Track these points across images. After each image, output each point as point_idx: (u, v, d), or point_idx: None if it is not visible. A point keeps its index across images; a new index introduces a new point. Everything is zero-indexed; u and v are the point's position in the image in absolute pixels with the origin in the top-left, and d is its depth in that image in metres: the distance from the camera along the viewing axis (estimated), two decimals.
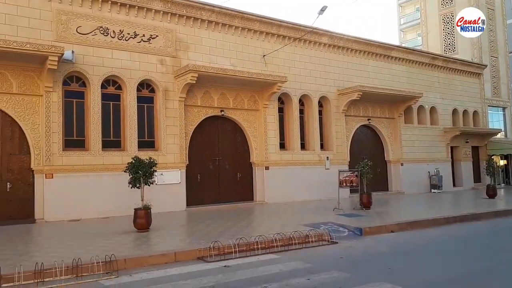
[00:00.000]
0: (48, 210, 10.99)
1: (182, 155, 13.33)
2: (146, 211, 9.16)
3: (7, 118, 11.02)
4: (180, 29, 13.68)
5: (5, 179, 10.94)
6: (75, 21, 11.78)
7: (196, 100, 13.96)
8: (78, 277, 5.86)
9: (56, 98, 11.37)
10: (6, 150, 11.03)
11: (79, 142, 12.02)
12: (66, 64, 11.44)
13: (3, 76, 10.78)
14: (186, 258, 6.98)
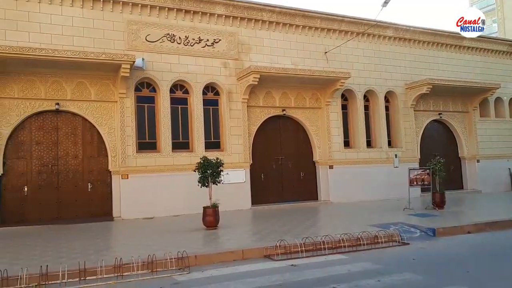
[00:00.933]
0: (125, 209, 11.77)
1: (246, 155, 13.57)
2: (214, 209, 9.47)
3: (87, 123, 11.98)
4: (241, 31, 13.93)
5: (87, 179, 11.90)
6: (144, 30, 12.48)
7: (258, 100, 14.13)
8: (153, 272, 6.20)
9: (129, 103, 12.14)
10: (87, 153, 12.00)
11: (151, 145, 12.72)
12: (138, 71, 12.16)
13: (82, 85, 11.73)
14: (253, 256, 7.10)
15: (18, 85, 11.03)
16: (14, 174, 11.12)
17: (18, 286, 5.58)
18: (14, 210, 11.03)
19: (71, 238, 8.89)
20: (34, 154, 11.40)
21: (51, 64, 10.77)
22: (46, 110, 11.47)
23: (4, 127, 10.91)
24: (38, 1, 11.24)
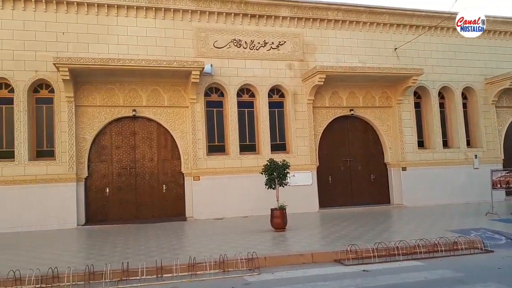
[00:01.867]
0: (196, 209, 12.23)
1: (312, 156, 13.43)
2: (281, 211, 9.48)
3: (161, 128, 12.64)
4: (306, 32, 13.84)
5: (161, 181, 12.56)
6: (212, 37, 12.90)
7: (324, 101, 13.92)
8: (224, 272, 6.36)
9: (199, 108, 12.60)
10: (161, 156, 12.66)
11: (220, 147, 13.09)
12: (206, 77, 12.58)
13: (156, 92, 12.41)
14: (323, 260, 6.99)
15: (99, 94, 11.97)
16: (97, 176, 12.07)
17: (103, 280, 6.02)
18: (97, 209, 11.97)
19: (148, 236, 9.42)
20: (114, 157, 12.28)
21: (128, 73, 11.54)
22: (124, 117, 12.31)
23: (88, 133, 11.90)
24: (116, 14, 12.11)
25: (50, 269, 5.99)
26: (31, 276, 5.86)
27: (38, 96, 11.73)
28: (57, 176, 11.29)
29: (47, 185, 11.16)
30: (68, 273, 5.98)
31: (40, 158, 11.56)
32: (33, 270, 6.00)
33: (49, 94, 11.72)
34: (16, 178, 11.00)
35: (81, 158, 11.74)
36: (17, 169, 11.08)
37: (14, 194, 10.80)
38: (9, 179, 10.90)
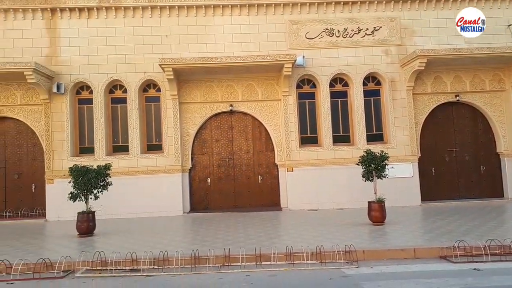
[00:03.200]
0: (291, 200, 12.41)
1: (413, 147, 12.68)
2: (380, 204, 9.17)
3: (256, 121, 13.03)
4: (404, 15, 13.02)
5: (257, 172, 12.98)
6: (304, 28, 12.86)
7: (425, 87, 13.01)
8: (321, 263, 6.39)
9: (292, 100, 12.70)
10: (256, 148, 13.08)
11: (313, 139, 13.06)
12: (298, 69, 12.61)
13: (251, 86, 12.81)
14: (426, 256, 6.63)
15: (200, 91, 12.75)
16: (200, 168, 12.93)
17: (207, 265, 6.47)
18: (200, 198, 12.83)
19: (246, 225, 9.86)
20: (214, 150, 13.01)
21: (225, 70, 12.09)
22: (222, 111, 12.94)
23: (191, 128, 12.77)
24: (213, 14, 12.73)
25: (161, 252, 6.63)
26: (145, 258, 6.55)
27: (147, 95, 12.91)
28: (165, 167, 12.36)
29: (157, 175, 12.28)
30: (177, 257, 6.55)
31: (150, 152, 12.76)
32: (147, 252, 6.70)
33: (156, 93, 12.84)
34: (131, 169, 12.30)
35: (185, 151, 12.68)
36: (131, 161, 12.38)
37: (129, 184, 12.08)
38: (125, 170, 12.22)
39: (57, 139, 12.31)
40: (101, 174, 9.18)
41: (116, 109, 12.89)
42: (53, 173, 12.16)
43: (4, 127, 12.75)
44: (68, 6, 12.38)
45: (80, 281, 5.98)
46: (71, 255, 6.80)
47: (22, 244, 8.43)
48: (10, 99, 12.43)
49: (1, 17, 12.43)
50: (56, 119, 12.33)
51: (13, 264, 6.38)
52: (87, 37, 12.51)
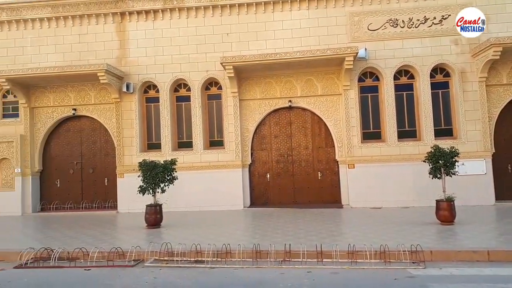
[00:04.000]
0: (352, 197, 12.14)
1: (485, 142, 11.82)
2: (449, 203, 8.67)
3: (315, 117, 12.89)
4: (476, 1, 12.13)
5: (316, 168, 12.85)
6: (366, 20, 12.46)
7: (500, 78, 12.04)
8: (386, 262, 6.19)
9: (353, 95, 12.39)
10: (315, 144, 12.95)
11: (376, 134, 12.65)
12: (360, 62, 12.26)
13: (310, 81, 12.68)
14: (501, 259, 6.16)
15: (259, 88, 12.87)
16: (259, 163, 13.08)
17: (268, 259, 6.54)
18: (260, 193, 12.99)
19: (306, 221, 9.81)
20: (273, 145, 13.08)
21: (284, 66, 12.08)
22: (281, 107, 12.96)
23: (250, 124, 12.94)
24: (272, 11, 12.76)
25: (223, 245, 6.82)
26: (209, 250, 6.77)
27: (209, 93, 13.29)
28: (226, 163, 12.67)
29: (218, 170, 12.63)
30: (239, 250, 6.70)
31: (212, 147, 13.14)
32: (210, 245, 6.91)
33: (218, 91, 13.17)
34: (194, 164, 12.75)
35: (245, 146, 12.88)
36: (195, 157, 12.83)
37: (193, 178, 12.54)
38: (189, 165, 12.69)
39: (127, 135, 13.09)
40: (167, 169, 9.63)
41: (181, 107, 13.41)
42: (124, 167, 12.96)
43: (81, 125, 13.81)
44: (136, 10, 13.06)
45: (149, 270, 6.33)
46: (141, 245, 7.22)
47: (97, 233, 9.10)
48: (86, 99, 13.42)
49: (77, 23, 13.43)
50: (126, 117, 13.11)
51: (90, 252, 6.91)
52: (153, 38, 13.13)
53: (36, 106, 13.55)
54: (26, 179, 13.31)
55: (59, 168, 13.74)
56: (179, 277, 5.91)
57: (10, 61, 13.51)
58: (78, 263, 6.75)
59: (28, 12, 13.43)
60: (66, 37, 13.44)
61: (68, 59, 13.28)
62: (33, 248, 7.15)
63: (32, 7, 13.37)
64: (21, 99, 13.31)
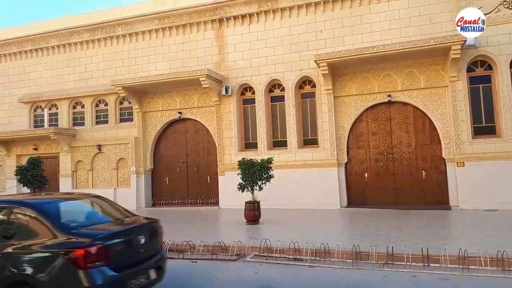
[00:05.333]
0: (462, 198, 11.12)
1: None
2: None
3: (418, 111, 12.09)
4: None
5: (420, 167, 12.04)
6: (475, 3, 11.29)
7: None
8: (504, 270, 5.58)
9: (461, 86, 11.35)
10: (419, 141, 12.14)
11: (489, 129, 11.42)
12: (469, 50, 11.18)
13: (411, 74, 11.93)
14: None
15: (355, 83, 12.49)
16: (356, 162, 12.70)
17: (369, 261, 6.33)
18: (357, 193, 12.60)
19: (409, 223, 9.27)
20: (371, 143, 12.59)
21: (382, 59, 11.56)
22: (379, 103, 12.42)
23: (346, 121, 12.64)
24: (368, 3, 12.30)
25: (322, 244, 6.78)
26: (307, 249, 6.79)
27: (303, 91, 13.30)
28: (321, 161, 12.56)
29: (313, 169, 12.57)
30: (338, 250, 6.60)
31: (306, 146, 13.13)
32: (308, 243, 6.93)
33: (312, 89, 13.12)
34: (289, 163, 12.88)
35: (341, 144, 12.62)
36: (289, 155, 12.96)
37: (288, 177, 12.66)
38: (283, 164, 12.86)
39: (226, 136, 13.75)
40: (264, 167, 9.90)
41: (275, 107, 13.66)
42: (224, 166, 13.64)
43: (185, 127, 14.88)
44: (233, 15, 13.64)
45: (250, 265, 6.58)
46: (241, 241, 7.53)
47: (202, 228, 9.73)
48: (189, 103, 14.41)
49: (180, 32, 14.50)
50: (225, 118, 13.78)
51: (196, 245, 7.42)
52: (249, 41, 13.58)
53: (147, 111, 14.96)
54: (140, 177, 14.77)
55: (167, 166, 14.98)
56: (279, 273, 6.03)
57: (125, 71, 15.13)
58: (186, 255, 7.29)
59: (139, 25, 14.89)
60: (171, 46, 14.60)
61: (174, 66, 14.41)
62: None
63: (142, 21, 14.78)
64: (135, 104, 14.80)
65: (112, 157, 15.17)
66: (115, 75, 15.08)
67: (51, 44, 16.20)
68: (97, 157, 15.47)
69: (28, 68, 16.75)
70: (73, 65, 16.01)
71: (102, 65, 15.58)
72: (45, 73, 16.46)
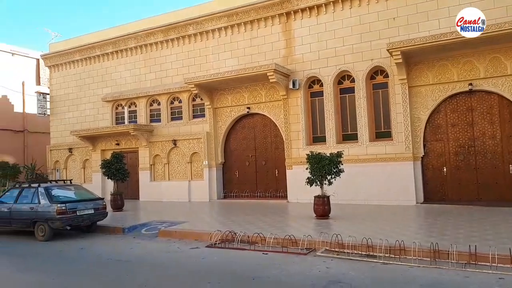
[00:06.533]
0: None
1: None
2: None
3: (504, 100, 11.10)
4: None
5: (507, 161, 11.04)
6: None
7: None
8: None
9: None
10: (505, 133, 11.13)
11: None
12: None
13: (496, 60, 10.95)
14: None
15: (431, 72, 11.75)
16: (433, 155, 11.98)
17: (449, 260, 5.95)
18: (435, 188, 11.90)
19: (494, 221, 8.55)
20: (450, 135, 11.79)
21: (462, 45, 10.74)
22: (458, 92, 11.58)
23: (422, 113, 11.96)
24: None
25: (397, 241, 6.50)
26: (380, 245, 6.55)
27: (374, 82, 12.82)
28: (395, 155, 12.03)
29: (386, 163, 12.09)
30: (414, 247, 6.29)
31: (378, 139, 12.66)
32: (382, 240, 6.68)
33: (384, 79, 12.59)
34: (360, 157, 12.52)
35: (416, 137, 11.98)
36: (360, 149, 12.59)
37: (358, 171, 12.32)
38: (354, 158, 12.53)
39: (293, 130, 13.73)
40: (333, 161, 9.72)
41: (344, 99, 13.33)
42: (292, 160, 13.64)
43: (253, 122, 15.10)
44: (300, 7, 13.52)
45: (321, 259, 6.52)
46: (311, 235, 7.49)
47: (271, 220, 9.84)
48: (257, 98, 14.60)
49: (248, 28, 14.70)
50: (292, 112, 13.76)
51: (266, 237, 7.52)
52: (317, 33, 13.38)
53: (217, 107, 15.43)
54: (212, 170, 15.31)
55: (237, 160, 15.36)
56: (351, 269, 5.91)
57: (196, 69, 15.72)
58: (257, 246, 7.43)
59: (208, 24, 15.36)
60: (239, 42, 14.87)
61: (242, 62, 14.67)
62: (220, 231, 8.20)
63: (212, 19, 15.23)
64: (206, 101, 15.34)
65: (186, 151, 15.89)
66: (188, 73, 15.73)
67: (129, 45, 17.34)
68: (173, 151, 16.31)
69: (109, 69, 18.10)
70: (149, 64, 17.00)
71: (176, 64, 16.34)
72: (124, 73, 17.67)
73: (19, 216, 9.57)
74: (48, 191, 9.60)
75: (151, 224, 10.32)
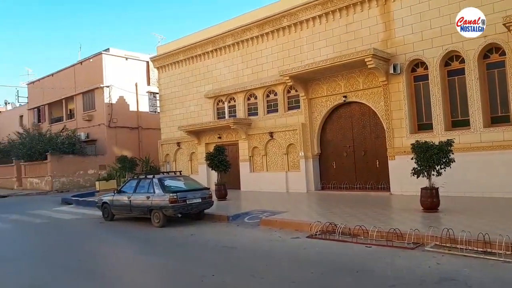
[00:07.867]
0: None
1: None
2: None
3: None
4: None
5: None
6: None
7: None
8: None
9: None
10: None
11: None
12: None
13: None
14: None
15: None
16: None
17: None
18: None
19: None
20: None
21: None
22: None
23: None
24: None
25: None
26: (500, 241, 5.92)
27: (488, 61, 11.51)
28: None
29: (505, 151, 10.82)
30: None
31: (494, 125, 11.37)
32: (502, 236, 6.03)
33: (500, 57, 11.23)
34: (473, 145, 11.39)
35: None
36: (473, 136, 11.45)
37: (471, 161, 11.22)
38: (466, 146, 11.44)
39: (395, 117, 13.01)
40: (443, 150, 8.99)
41: (453, 82, 12.21)
42: (394, 149, 12.97)
43: (351, 111, 14.67)
44: None
45: (430, 255, 6.13)
46: (419, 229, 7.07)
47: (373, 213, 9.51)
48: (354, 85, 14.13)
49: (343, 14, 14.27)
50: (394, 98, 13.04)
51: (369, 230, 7.30)
52: (419, 13, 12.44)
53: (312, 97, 15.32)
54: (308, 161, 15.30)
55: (334, 151, 15.10)
56: (465, 266, 5.46)
57: (291, 60, 15.78)
58: (359, 239, 7.26)
59: (302, 14, 15.27)
60: (334, 29, 14.53)
61: (338, 50, 14.31)
62: (320, 222, 8.18)
63: (306, 9, 15.10)
64: (301, 92, 15.33)
65: (282, 143, 16.12)
66: (282, 66, 15.87)
67: (227, 43, 18.08)
68: (270, 143, 16.67)
69: (210, 67, 19.11)
70: (246, 60, 17.53)
71: (271, 57, 16.60)
72: (224, 70, 18.50)
73: (137, 204, 10.71)
74: (162, 181, 10.57)
75: (252, 213, 10.72)
